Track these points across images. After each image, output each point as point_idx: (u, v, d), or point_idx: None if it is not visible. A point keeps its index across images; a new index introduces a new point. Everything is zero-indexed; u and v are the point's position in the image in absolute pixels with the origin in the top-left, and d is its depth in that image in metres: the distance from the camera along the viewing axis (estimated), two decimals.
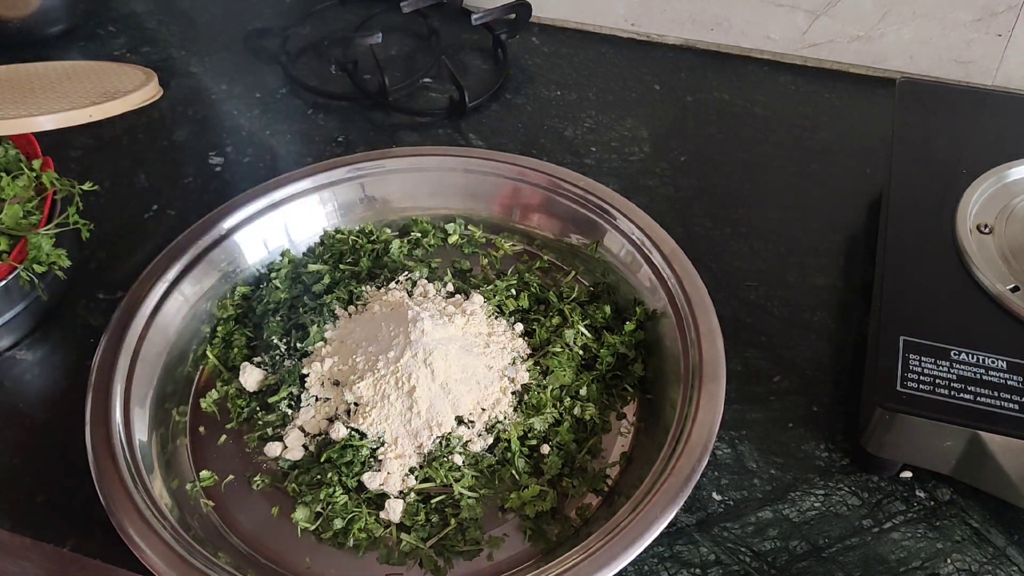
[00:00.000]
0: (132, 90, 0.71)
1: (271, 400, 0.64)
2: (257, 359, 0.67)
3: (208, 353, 0.68)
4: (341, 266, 0.73)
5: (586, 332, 0.67)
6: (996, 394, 0.53)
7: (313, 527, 0.58)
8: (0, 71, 0.77)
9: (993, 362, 0.55)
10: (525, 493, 0.58)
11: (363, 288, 0.71)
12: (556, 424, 0.62)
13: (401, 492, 0.59)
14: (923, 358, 0.55)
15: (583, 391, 0.64)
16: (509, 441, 0.61)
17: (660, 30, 1.00)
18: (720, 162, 0.85)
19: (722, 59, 0.98)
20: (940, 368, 0.55)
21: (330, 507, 0.58)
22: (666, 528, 0.53)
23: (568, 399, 0.63)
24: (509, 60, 0.98)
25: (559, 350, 0.65)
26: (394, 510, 0.58)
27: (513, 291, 0.70)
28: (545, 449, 0.61)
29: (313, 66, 0.99)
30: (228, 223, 0.73)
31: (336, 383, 0.64)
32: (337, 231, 0.76)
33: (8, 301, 0.67)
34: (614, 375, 0.65)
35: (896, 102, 0.75)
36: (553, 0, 1.02)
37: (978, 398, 0.53)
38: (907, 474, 0.60)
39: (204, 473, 0.61)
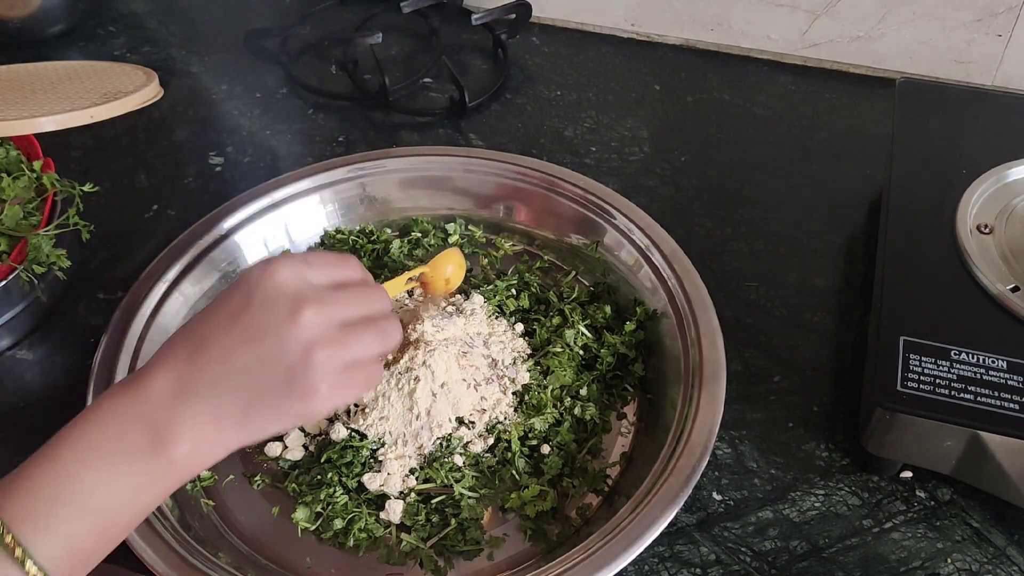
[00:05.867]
0: (133, 90, 0.71)
1: None
2: None
3: None
4: None
5: (586, 332, 0.67)
6: (996, 394, 0.53)
7: (313, 527, 0.58)
8: (0, 71, 0.77)
9: (993, 362, 0.55)
10: (525, 493, 0.58)
11: None
12: (556, 424, 0.62)
13: (401, 492, 0.59)
14: (923, 358, 0.55)
15: (583, 391, 0.64)
16: (509, 441, 0.61)
17: (660, 30, 1.00)
18: (720, 162, 0.85)
19: (722, 59, 0.98)
20: (940, 368, 0.55)
21: (330, 507, 0.58)
22: (666, 528, 0.53)
23: (568, 399, 0.63)
24: (509, 60, 0.98)
25: (559, 350, 0.65)
26: (394, 511, 0.58)
27: (513, 291, 0.70)
28: (545, 449, 0.61)
29: (313, 66, 0.99)
30: (228, 223, 0.73)
31: None
32: (337, 231, 0.76)
33: (8, 301, 0.67)
34: (614, 375, 0.65)
35: (896, 102, 0.75)
36: (553, 0, 1.02)
37: (978, 398, 0.53)
38: (907, 474, 0.60)
39: (204, 473, 0.61)
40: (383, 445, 0.60)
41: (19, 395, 0.66)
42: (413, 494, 0.59)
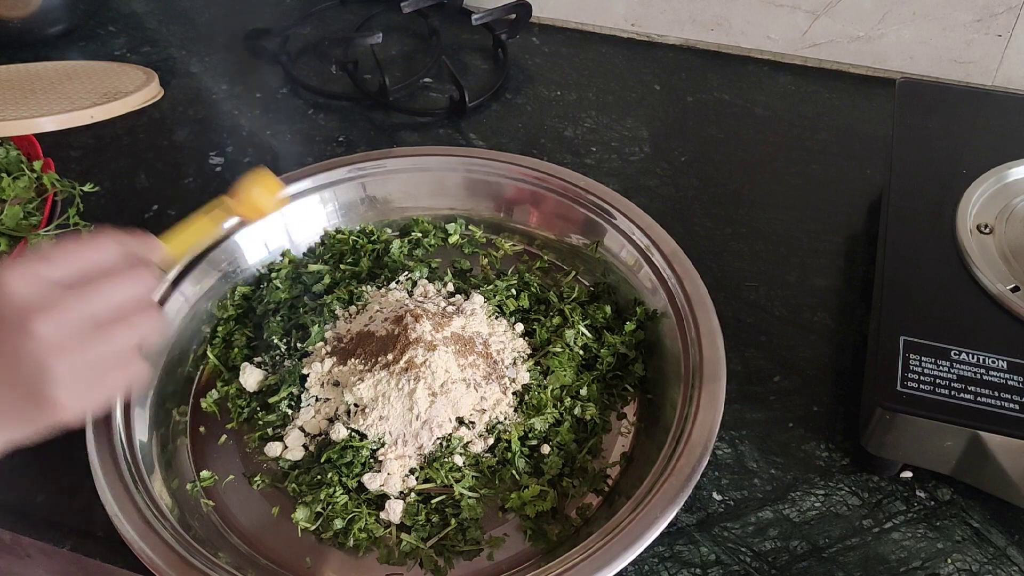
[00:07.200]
0: (133, 91, 0.71)
1: (271, 400, 0.64)
2: (257, 359, 0.67)
3: (208, 353, 0.68)
4: (342, 266, 0.73)
5: (586, 332, 0.67)
6: (996, 394, 0.53)
7: (313, 527, 0.58)
8: (0, 71, 0.77)
9: (993, 362, 0.55)
10: (525, 493, 0.58)
11: (363, 288, 0.71)
12: (556, 424, 0.62)
13: (401, 492, 0.59)
14: (923, 358, 0.55)
15: (583, 391, 0.64)
16: (509, 441, 0.61)
17: (660, 30, 1.00)
18: (720, 162, 0.85)
19: (722, 59, 0.98)
20: (940, 368, 0.55)
21: (330, 507, 0.58)
22: (666, 528, 0.53)
23: (568, 399, 0.63)
24: (509, 60, 0.98)
25: (559, 350, 0.65)
26: (394, 511, 0.58)
27: (513, 291, 0.70)
28: (545, 449, 0.61)
29: (313, 66, 0.99)
30: (228, 223, 0.72)
31: (336, 384, 0.64)
32: (338, 231, 0.76)
33: None
34: (614, 375, 0.65)
35: (896, 102, 0.75)
36: (553, 0, 1.02)
37: (978, 398, 0.53)
38: (907, 474, 0.60)
39: (204, 473, 0.61)
40: (383, 445, 0.60)
41: None
42: (413, 494, 0.59)
